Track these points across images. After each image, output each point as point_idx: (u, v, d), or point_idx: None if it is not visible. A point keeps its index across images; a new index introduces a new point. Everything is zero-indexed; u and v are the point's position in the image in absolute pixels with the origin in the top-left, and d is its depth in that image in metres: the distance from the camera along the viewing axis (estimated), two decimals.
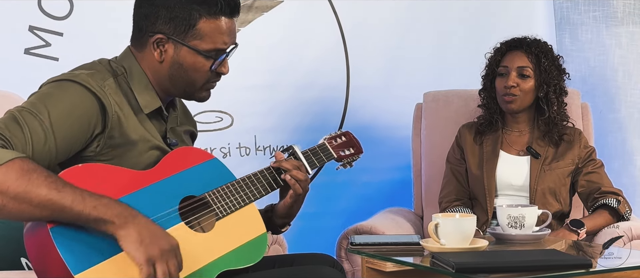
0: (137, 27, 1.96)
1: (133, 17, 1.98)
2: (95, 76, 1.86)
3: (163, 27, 1.91)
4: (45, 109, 1.76)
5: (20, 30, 2.82)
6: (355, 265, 2.85)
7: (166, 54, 1.93)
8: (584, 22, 3.64)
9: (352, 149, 2.37)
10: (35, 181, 1.65)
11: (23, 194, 1.64)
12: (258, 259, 1.93)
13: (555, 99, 2.85)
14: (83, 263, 1.66)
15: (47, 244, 1.67)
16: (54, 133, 1.76)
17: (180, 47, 1.92)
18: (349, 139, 2.39)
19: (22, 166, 1.66)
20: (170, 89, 1.98)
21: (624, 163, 3.53)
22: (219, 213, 1.94)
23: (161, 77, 1.96)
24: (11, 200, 1.64)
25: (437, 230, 2.11)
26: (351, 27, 3.42)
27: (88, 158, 1.84)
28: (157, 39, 1.92)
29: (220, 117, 3.20)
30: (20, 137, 1.72)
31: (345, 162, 2.35)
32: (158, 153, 1.93)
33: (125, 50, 2.00)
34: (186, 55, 1.93)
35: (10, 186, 1.64)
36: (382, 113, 3.49)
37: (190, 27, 1.91)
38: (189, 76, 1.95)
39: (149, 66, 1.96)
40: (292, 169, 2.08)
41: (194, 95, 2.00)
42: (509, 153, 2.90)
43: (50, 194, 1.65)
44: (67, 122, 1.78)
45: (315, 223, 3.37)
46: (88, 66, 1.93)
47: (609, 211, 2.75)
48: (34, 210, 1.66)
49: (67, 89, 1.81)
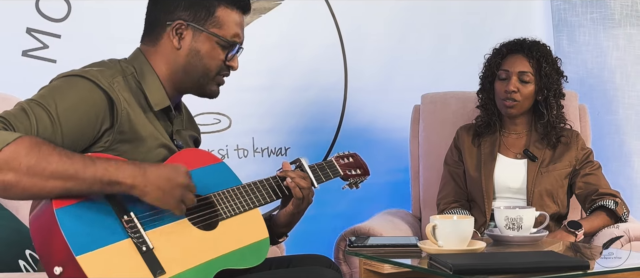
0: (153, 21, 2.02)
1: (147, 13, 2.04)
2: (104, 72, 1.89)
3: (182, 14, 1.98)
4: (53, 101, 1.79)
5: (17, 32, 2.82)
6: (353, 267, 2.85)
7: (184, 41, 1.99)
8: (581, 23, 3.64)
9: (359, 171, 2.41)
10: (45, 151, 1.68)
11: (35, 166, 1.66)
12: (258, 262, 1.94)
13: (554, 103, 2.86)
14: (85, 246, 1.68)
15: (51, 225, 1.69)
16: (61, 125, 1.78)
17: (199, 34, 1.99)
18: (356, 160, 2.42)
19: (31, 141, 1.68)
20: (185, 81, 2.02)
21: (622, 164, 3.53)
22: (223, 214, 1.96)
23: (176, 68, 2.00)
24: (24, 176, 1.66)
25: (435, 232, 2.11)
26: (349, 29, 3.42)
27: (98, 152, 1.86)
28: (177, 25, 1.98)
29: (218, 119, 3.20)
30: (27, 124, 1.75)
31: (352, 182, 2.40)
32: (166, 152, 1.96)
33: (134, 51, 2.04)
34: (205, 41, 2.00)
35: (22, 161, 1.66)
36: (380, 115, 3.49)
37: (209, 15, 1.99)
38: (205, 64, 2.00)
39: (164, 59, 2.00)
40: (296, 177, 2.12)
41: (206, 87, 2.04)
42: (507, 156, 2.90)
43: (61, 161, 1.68)
44: (75, 115, 1.80)
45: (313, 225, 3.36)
46: (98, 64, 1.96)
47: (606, 212, 2.76)
48: (46, 182, 1.68)
49: (76, 84, 1.84)
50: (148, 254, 1.75)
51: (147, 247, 1.76)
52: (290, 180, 2.11)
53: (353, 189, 2.42)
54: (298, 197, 2.12)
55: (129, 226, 1.76)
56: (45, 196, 1.72)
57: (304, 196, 2.12)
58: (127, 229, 1.76)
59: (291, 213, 2.15)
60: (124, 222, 1.77)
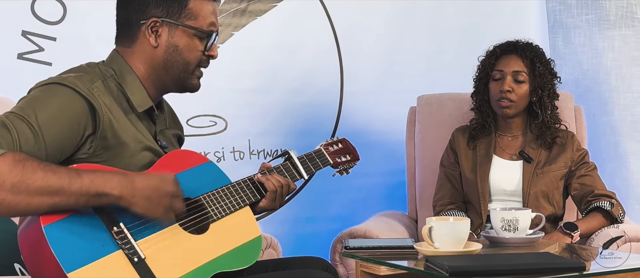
0: (125, 22, 1.99)
1: (117, 16, 2.01)
2: (83, 78, 1.87)
3: (156, 12, 1.96)
4: (33, 112, 1.77)
5: (13, 35, 2.82)
6: (349, 269, 2.85)
7: (160, 39, 1.96)
8: (577, 25, 3.64)
9: (348, 156, 2.39)
10: (29, 168, 1.66)
11: (19, 183, 1.64)
12: (252, 262, 1.93)
13: (549, 103, 2.87)
14: (76, 262, 1.67)
15: (40, 242, 1.67)
16: (43, 135, 1.76)
17: (174, 29, 1.97)
18: (345, 146, 2.40)
19: (14, 158, 1.66)
20: (165, 79, 2.00)
21: (617, 165, 3.53)
22: (214, 216, 1.95)
23: (156, 65, 1.98)
24: (9, 193, 1.64)
25: (431, 234, 2.11)
26: (345, 31, 3.42)
27: (81, 160, 1.84)
28: (152, 23, 1.95)
29: (214, 121, 3.20)
30: (8, 139, 1.72)
31: (342, 168, 2.38)
32: (151, 155, 1.94)
33: (111, 53, 2.02)
34: (181, 35, 1.97)
35: (7, 178, 1.64)
36: (376, 117, 3.49)
37: (182, 7, 1.97)
38: (184, 58, 1.98)
39: (142, 58, 1.97)
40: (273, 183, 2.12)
41: (187, 82, 2.02)
42: (502, 158, 2.91)
43: (46, 176, 1.66)
44: (56, 124, 1.78)
45: (309, 227, 3.37)
46: (76, 69, 1.94)
47: (602, 214, 2.76)
48: (32, 199, 1.66)
49: (56, 92, 1.82)
50: (140, 265, 1.73)
51: (139, 257, 1.74)
52: (260, 175, 2.12)
53: (343, 175, 2.41)
54: (272, 190, 2.11)
55: (119, 238, 1.74)
56: (32, 213, 1.70)
57: (276, 189, 2.11)
58: (118, 240, 1.74)
59: (263, 209, 2.15)
60: (113, 234, 1.74)
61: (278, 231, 3.03)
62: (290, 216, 3.27)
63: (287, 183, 2.15)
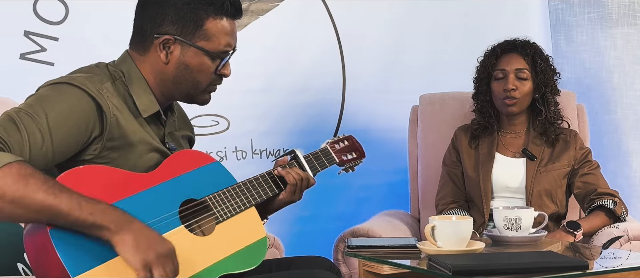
0: (141, 30, 1.96)
1: (134, 20, 1.98)
2: (93, 79, 1.86)
3: (170, 28, 1.92)
4: (42, 111, 1.77)
5: (15, 35, 2.82)
6: (352, 268, 2.85)
7: (172, 56, 1.94)
8: (579, 23, 3.64)
9: (354, 154, 2.38)
10: (32, 186, 1.65)
11: (20, 199, 1.64)
12: (257, 264, 1.93)
13: (552, 99, 2.87)
14: (82, 266, 1.66)
15: (46, 246, 1.67)
16: (51, 135, 1.76)
17: (187, 48, 1.94)
18: (351, 144, 2.39)
19: (20, 171, 1.65)
20: (173, 91, 1.98)
21: (620, 164, 3.53)
22: (219, 217, 1.95)
23: (165, 79, 1.96)
24: (8, 204, 1.64)
25: (434, 233, 2.11)
26: (347, 30, 3.42)
27: (87, 160, 1.84)
28: (165, 40, 1.93)
29: (217, 121, 3.20)
30: (18, 139, 1.72)
31: (348, 166, 2.37)
32: (158, 156, 1.94)
33: (123, 54, 2.00)
34: (193, 56, 1.94)
35: (7, 190, 1.63)
36: (378, 116, 3.49)
37: (197, 28, 1.93)
38: (194, 77, 1.96)
39: (153, 69, 1.96)
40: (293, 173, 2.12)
41: (196, 97, 2.01)
42: (505, 155, 2.91)
43: (47, 199, 1.65)
44: (65, 125, 1.78)
45: (312, 226, 3.37)
46: (85, 69, 1.93)
47: (605, 212, 2.76)
48: (30, 214, 1.66)
49: (65, 92, 1.81)
50: None
51: None
52: (280, 169, 2.12)
53: (349, 173, 2.40)
54: (292, 183, 2.11)
55: None
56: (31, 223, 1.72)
57: (296, 183, 2.12)
58: None
59: (284, 202, 2.15)
60: None
61: (280, 230, 3.03)
62: (292, 215, 3.27)
63: (307, 177, 2.16)
